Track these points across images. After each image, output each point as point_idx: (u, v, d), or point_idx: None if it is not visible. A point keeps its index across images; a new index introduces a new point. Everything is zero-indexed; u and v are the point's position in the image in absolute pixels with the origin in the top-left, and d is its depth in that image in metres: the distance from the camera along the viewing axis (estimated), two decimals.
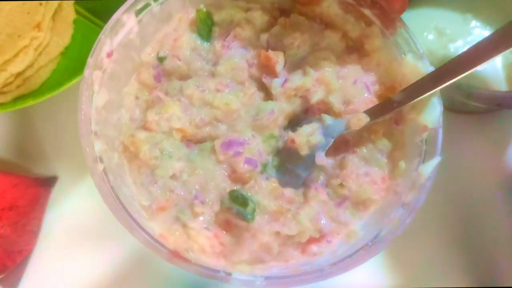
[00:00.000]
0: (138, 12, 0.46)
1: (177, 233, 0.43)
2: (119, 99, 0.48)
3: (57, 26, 0.63)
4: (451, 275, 0.66)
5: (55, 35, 0.63)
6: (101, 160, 0.42)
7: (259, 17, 0.49)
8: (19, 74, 0.61)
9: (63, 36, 0.63)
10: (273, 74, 0.47)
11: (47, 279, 0.67)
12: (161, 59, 0.49)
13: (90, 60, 0.43)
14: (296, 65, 0.48)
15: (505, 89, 0.63)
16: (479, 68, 0.47)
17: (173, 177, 0.45)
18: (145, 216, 0.44)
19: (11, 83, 0.61)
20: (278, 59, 0.47)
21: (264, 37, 0.48)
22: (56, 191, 0.69)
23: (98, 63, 0.44)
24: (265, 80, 0.47)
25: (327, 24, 0.50)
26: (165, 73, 0.49)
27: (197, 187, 0.45)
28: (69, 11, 0.64)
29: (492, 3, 0.67)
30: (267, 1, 0.51)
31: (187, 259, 0.39)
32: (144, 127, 0.45)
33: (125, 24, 0.46)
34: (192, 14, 0.50)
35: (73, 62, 0.63)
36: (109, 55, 0.45)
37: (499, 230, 0.67)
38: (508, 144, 0.71)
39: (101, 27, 0.61)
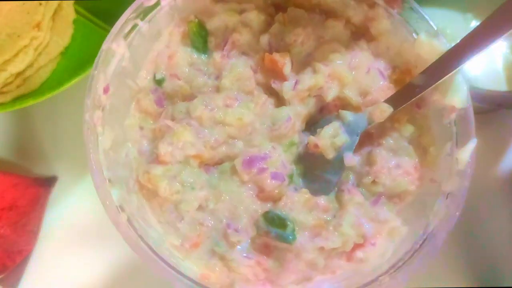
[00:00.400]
0: (126, 36, 0.43)
1: (217, 268, 0.41)
2: (122, 133, 0.44)
3: (57, 26, 0.63)
4: (451, 275, 0.65)
5: (55, 35, 0.62)
6: (123, 209, 0.39)
7: (255, 18, 0.46)
8: (19, 74, 0.60)
9: (63, 36, 0.63)
10: (281, 77, 0.44)
11: (46, 279, 0.67)
12: (159, 82, 0.45)
13: (87, 101, 0.40)
14: (303, 63, 0.45)
15: (506, 89, 0.63)
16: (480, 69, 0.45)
17: (200, 208, 0.42)
18: (179, 257, 0.41)
19: (11, 83, 0.61)
20: (285, 61, 0.43)
21: (265, 38, 0.45)
22: (55, 191, 0.69)
23: (96, 103, 0.41)
24: (275, 85, 0.44)
25: (328, 13, 0.47)
26: (167, 96, 0.45)
27: (226, 214, 0.42)
28: (69, 11, 0.64)
29: (492, 3, 0.64)
30: None
31: None
32: (158, 160, 0.42)
33: (115, 53, 0.42)
34: (182, 26, 0.46)
35: (73, 62, 0.63)
36: (106, 90, 0.41)
37: (499, 230, 0.66)
38: (508, 144, 0.70)
39: (101, 27, 0.64)
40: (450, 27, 0.66)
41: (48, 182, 0.69)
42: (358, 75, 0.45)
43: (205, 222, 0.42)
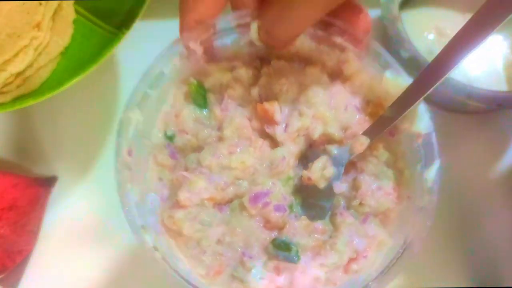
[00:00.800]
0: (139, 104, 0.50)
1: None
2: (145, 185, 0.52)
3: (57, 26, 0.63)
4: (451, 275, 0.65)
5: (55, 35, 0.62)
6: (156, 249, 0.47)
7: (244, 73, 0.53)
8: (19, 74, 0.60)
9: (63, 36, 0.64)
10: (273, 122, 0.52)
11: (46, 279, 0.67)
12: (170, 138, 0.53)
13: (118, 165, 0.48)
14: (290, 108, 0.53)
15: (506, 89, 0.64)
16: (480, 69, 0.49)
17: (218, 242, 0.50)
18: (204, 283, 0.49)
19: (11, 83, 0.61)
20: (274, 109, 0.51)
21: (255, 91, 0.53)
22: (56, 191, 0.69)
23: (124, 165, 0.48)
24: (268, 130, 0.52)
25: (306, 60, 0.54)
26: (178, 150, 0.53)
27: (241, 244, 0.50)
28: (69, 11, 0.64)
29: None
30: (246, 54, 0.55)
31: None
32: (179, 205, 0.50)
33: (131, 119, 0.50)
34: (184, 87, 0.54)
35: (73, 62, 0.63)
36: (130, 153, 0.49)
37: (499, 230, 0.67)
38: (508, 144, 0.71)
39: (101, 27, 0.65)
40: (449, 27, 0.67)
41: (48, 182, 0.69)
42: (337, 113, 0.52)
43: (224, 253, 0.50)
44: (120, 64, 0.79)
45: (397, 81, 0.50)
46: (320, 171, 0.51)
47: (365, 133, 0.51)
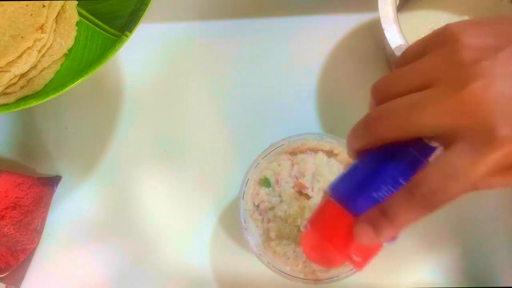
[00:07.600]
0: (242, 196, 1.02)
1: (305, 269, 1.00)
2: (251, 231, 1.04)
3: (60, 28, 0.64)
4: (450, 275, 0.66)
5: (59, 37, 0.64)
6: (265, 260, 0.98)
7: (284, 164, 1.04)
8: (22, 75, 0.61)
9: (66, 38, 0.65)
10: (305, 188, 1.01)
11: (50, 277, 0.70)
12: (257, 206, 1.04)
13: (241, 226, 1.00)
14: (312, 178, 1.02)
15: None
16: None
17: (293, 252, 0.98)
18: (290, 271, 0.99)
19: (14, 84, 0.61)
20: (305, 182, 1.01)
21: (293, 172, 1.04)
22: (59, 191, 0.71)
23: (243, 226, 1.00)
24: (304, 191, 1.01)
25: (314, 150, 1.06)
26: (262, 211, 1.04)
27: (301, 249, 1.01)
28: (72, 13, 0.66)
29: (488, 6, 0.69)
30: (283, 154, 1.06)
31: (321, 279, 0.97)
32: (270, 238, 1.00)
33: (242, 204, 1.01)
34: (257, 179, 1.05)
35: (76, 64, 0.64)
36: (245, 221, 1.01)
37: (499, 230, 0.66)
38: None
39: (103, 29, 0.66)
40: None
41: (52, 182, 0.70)
42: (335, 175, 1.01)
43: (297, 255, 0.97)
44: (122, 66, 0.81)
45: None
46: None
47: None
